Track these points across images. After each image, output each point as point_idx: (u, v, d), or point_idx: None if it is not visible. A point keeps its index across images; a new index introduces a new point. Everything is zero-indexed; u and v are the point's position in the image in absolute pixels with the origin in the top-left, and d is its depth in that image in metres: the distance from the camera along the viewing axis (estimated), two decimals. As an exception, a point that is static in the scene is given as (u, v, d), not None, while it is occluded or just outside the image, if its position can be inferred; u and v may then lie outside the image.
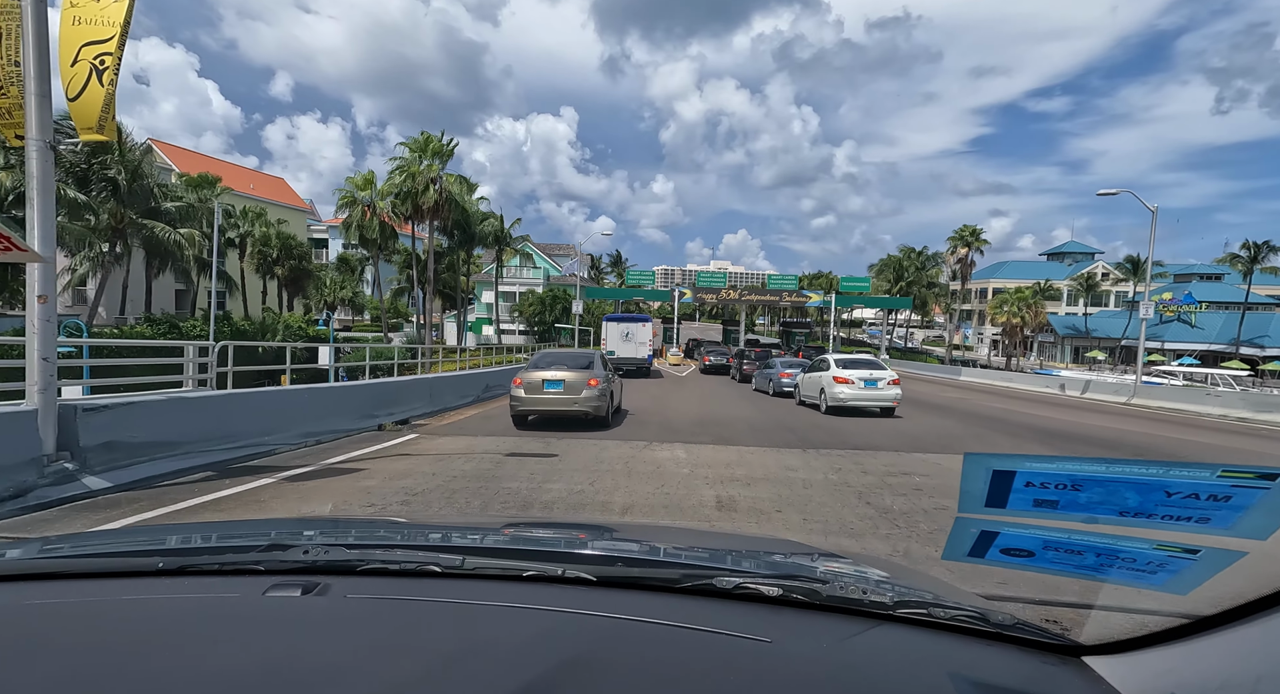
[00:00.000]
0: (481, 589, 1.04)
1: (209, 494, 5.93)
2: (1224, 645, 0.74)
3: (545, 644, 0.84)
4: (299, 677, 0.75)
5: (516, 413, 11.00)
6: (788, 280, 49.26)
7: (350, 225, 33.94)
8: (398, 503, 5.81)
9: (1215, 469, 0.70)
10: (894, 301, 49.28)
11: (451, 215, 33.47)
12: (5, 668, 0.77)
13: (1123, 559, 0.79)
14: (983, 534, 0.84)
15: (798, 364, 21.61)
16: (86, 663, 0.79)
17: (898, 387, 14.45)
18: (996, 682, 0.85)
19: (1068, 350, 71.42)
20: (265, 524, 2.02)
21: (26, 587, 1.07)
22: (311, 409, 9.37)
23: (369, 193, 33.72)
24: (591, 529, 1.93)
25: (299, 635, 0.87)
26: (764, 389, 21.83)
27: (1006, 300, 43.15)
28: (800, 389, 17.16)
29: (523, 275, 54.77)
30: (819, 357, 17.01)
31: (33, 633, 0.87)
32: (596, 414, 10.86)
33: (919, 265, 54.13)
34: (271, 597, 0.96)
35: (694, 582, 1.05)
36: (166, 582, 1.06)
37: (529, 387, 10.82)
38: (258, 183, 48.67)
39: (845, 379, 14.40)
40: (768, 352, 29.74)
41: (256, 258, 37.32)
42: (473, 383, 16.23)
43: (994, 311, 43.65)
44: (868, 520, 5.46)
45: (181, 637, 0.87)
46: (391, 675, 0.74)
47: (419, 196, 31.65)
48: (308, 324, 33.27)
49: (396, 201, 32.97)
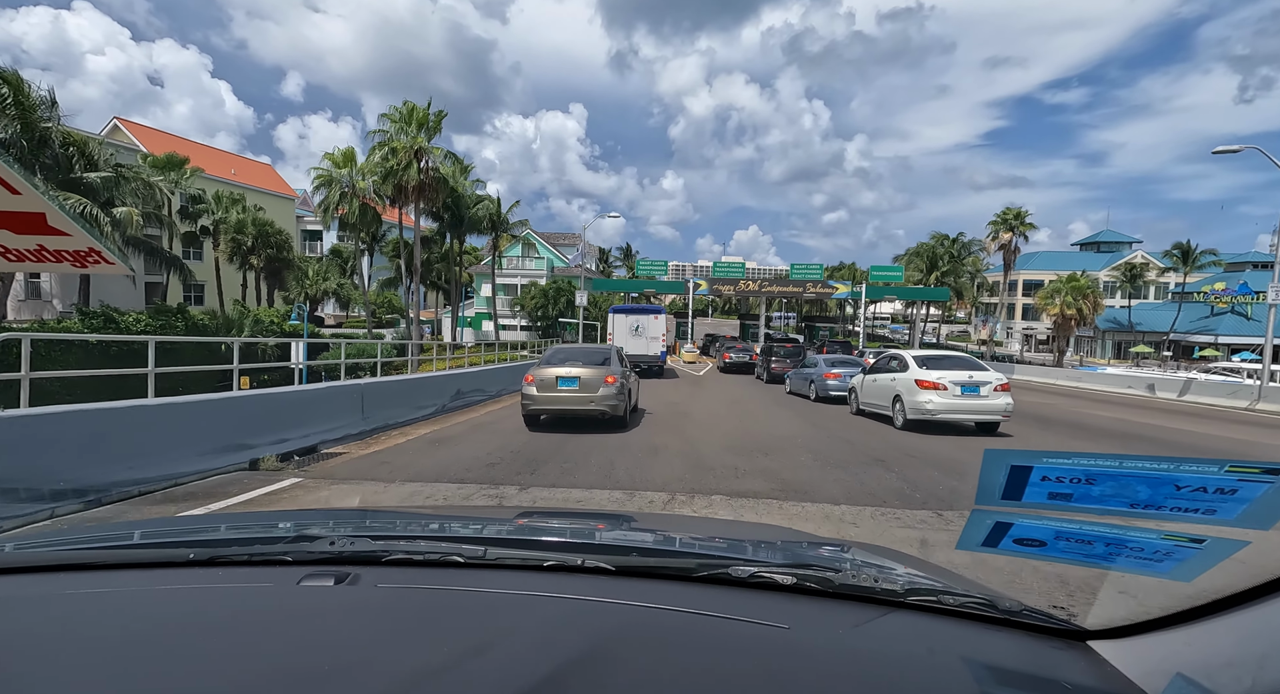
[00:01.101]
0: (503, 579, 1.06)
1: None
2: (1227, 628, 0.76)
3: (566, 632, 0.86)
4: (339, 663, 0.77)
5: (528, 412, 10.14)
6: (812, 270, 45.14)
7: (327, 208, 30.40)
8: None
9: (1223, 464, 0.72)
10: (929, 292, 45.01)
11: (440, 196, 29.75)
12: (47, 657, 0.78)
13: (1131, 548, 0.81)
14: (997, 525, 0.87)
15: (847, 362, 17.79)
16: (121, 652, 0.81)
17: (1008, 394, 10.56)
18: (1005, 665, 0.88)
19: (1108, 345, 66.77)
20: (290, 515, 2.13)
21: (63, 577, 1.07)
22: (124, 440, 5.70)
23: (348, 172, 30.15)
24: (609, 519, 2.02)
25: (334, 623, 0.90)
26: (801, 392, 18.04)
27: (1059, 290, 38.88)
28: (859, 395, 13.32)
29: (525, 266, 50.97)
30: (887, 353, 13.15)
31: (67, 624, 0.88)
32: (614, 414, 9.97)
33: (953, 254, 49.71)
34: (306, 586, 0.98)
35: (710, 571, 1.07)
36: (199, 572, 1.08)
37: (541, 384, 9.91)
38: (241, 168, 45.31)
39: (933, 383, 10.53)
40: (800, 348, 25.73)
41: (229, 246, 33.89)
42: (434, 389, 12.49)
43: (1044, 303, 39.42)
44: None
45: (220, 625, 0.89)
46: (423, 662, 0.76)
47: (401, 174, 28.03)
48: (282, 319, 29.83)
49: (378, 181, 29.39)
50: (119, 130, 37.49)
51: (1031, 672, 0.86)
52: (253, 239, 34.16)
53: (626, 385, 10.63)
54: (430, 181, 29.00)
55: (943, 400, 10.41)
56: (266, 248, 34.90)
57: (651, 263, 47.31)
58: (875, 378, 12.52)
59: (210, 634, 0.86)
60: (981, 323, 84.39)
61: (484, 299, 50.26)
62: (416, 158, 28.48)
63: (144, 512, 5.27)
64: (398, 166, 28.44)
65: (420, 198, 29.01)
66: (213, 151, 45.63)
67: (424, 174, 28.69)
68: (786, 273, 47.80)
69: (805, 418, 12.88)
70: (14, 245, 5.27)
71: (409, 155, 28.50)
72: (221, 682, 0.74)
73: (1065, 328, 39.31)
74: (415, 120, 28.31)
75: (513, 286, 49.98)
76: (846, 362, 18.09)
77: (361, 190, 30.39)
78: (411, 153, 28.60)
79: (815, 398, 16.88)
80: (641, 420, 11.47)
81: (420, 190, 28.88)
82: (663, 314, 26.02)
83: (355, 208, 30.24)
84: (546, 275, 49.72)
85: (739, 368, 28.59)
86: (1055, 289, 40.12)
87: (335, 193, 29.84)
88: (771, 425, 11.62)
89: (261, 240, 34.64)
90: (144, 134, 38.14)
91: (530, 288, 45.66)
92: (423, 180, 28.62)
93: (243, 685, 0.73)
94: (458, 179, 35.90)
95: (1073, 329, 39.75)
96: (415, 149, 28.60)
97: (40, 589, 1.03)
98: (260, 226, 34.45)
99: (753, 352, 29.95)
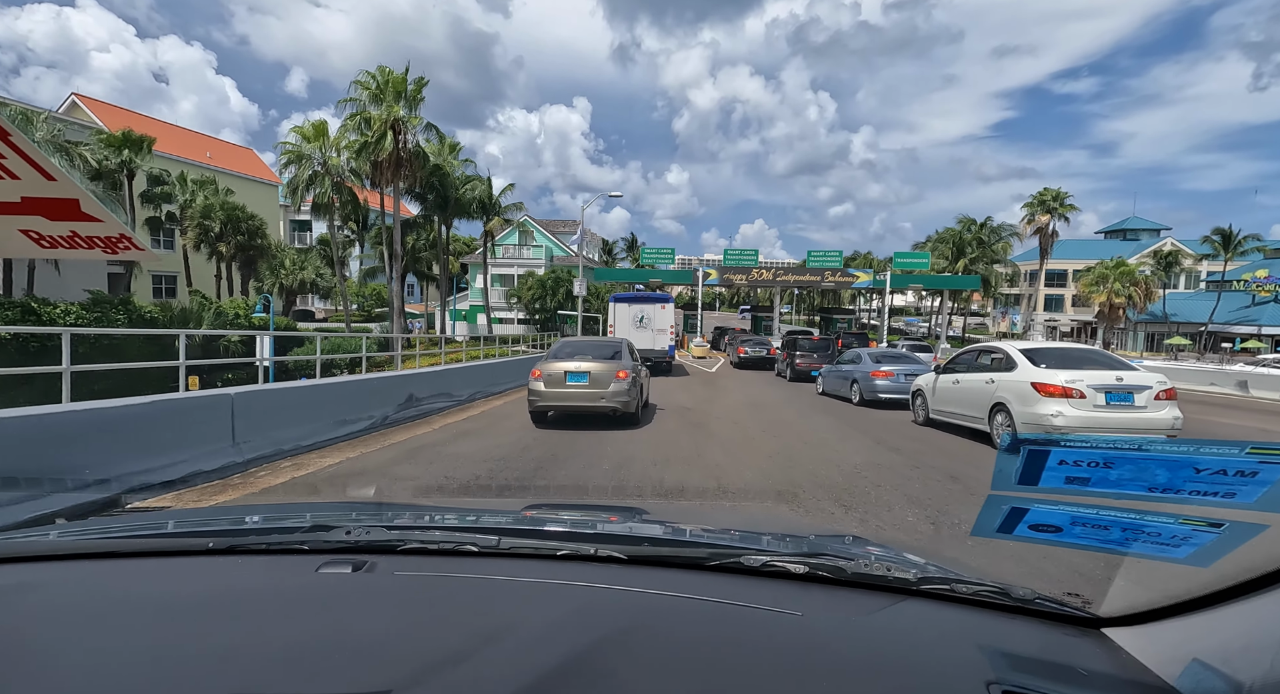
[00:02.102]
0: (517, 567, 1.07)
1: None
2: (1245, 614, 0.75)
3: (580, 620, 0.86)
4: (356, 649, 0.78)
5: (535, 408, 9.62)
6: (830, 257, 41.73)
7: (297, 189, 27.35)
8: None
9: (1244, 446, 0.71)
10: (959, 281, 41.53)
11: (419, 173, 26.59)
12: (64, 646, 0.79)
13: (1148, 533, 0.80)
14: (1012, 511, 0.85)
15: (898, 357, 14.73)
16: (144, 639, 0.82)
17: (1174, 404, 7.40)
18: (1019, 653, 0.87)
19: (1140, 337, 63.27)
20: (306, 507, 2.06)
21: (80, 566, 1.09)
22: None
23: (320, 147, 27.07)
24: (622, 510, 1.97)
25: (352, 611, 0.90)
26: (838, 393, 15.06)
27: (1106, 276, 35.36)
28: (930, 400, 10.16)
29: (522, 255, 47.70)
30: (977, 347, 9.96)
31: (90, 612, 0.89)
32: (625, 410, 9.40)
33: (980, 239, 46.14)
34: (324, 573, 0.99)
35: (722, 560, 1.07)
36: (219, 561, 1.09)
37: (549, 379, 9.42)
38: (220, 152, 42.27)
39: (1061, 388, 7.37)
40: (828, 341, 22.52)
41: (195, 231, 30.91)
42: (367, 396, 9.41)
43: (1089, 290, 35.87)
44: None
45: (240, 611, 0.90)
46: (440, 649, 0.77)
47: (375, 148, 24.91)
48: (248, 311, 26.88)
49: (353, 157, 26.29)
50: (77, 107, 34.50)
51: (1046, 659, 0.85)
52: (221, 224, 31.18)
53: (639, 381, 10.06)
54: (409, 157, 25.82)
55: (1079, 413, 7.25)
56: (237, 234, 31.92)
57: (657, 251, 43.97)
58: (958, 379, 9.38)
59: (230, 620, 0.87)
60: (1001, 314, 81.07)
61: (479, 290, 47.15)
62: (393, 130, 25.34)
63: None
64: (372, 139, 25.30)
65: (398, 174, 25.84)
66: (187, 133, 42.60)
67: (402, 148, 25.53)
68: (801, 263, 44.50)
69: (863, 431, 9.73)
70: (48, 231, 5.31)
71: (385, 127, 25.37)
72: (241, 666, 0.74)
73: (1113, 317, 35.86)
74: (391, 88, 25.12)
75: (509, 277, 46.85)
76: (897, 357, 15.00)
77: (335, 168, 27.28)
78: (387, 124, 25.47)
79: (859, 401, 13.84)
80: (654, 418, 10.66)
81: (398, 166, 25.72)
82: (670, 303, 22.89)
83: (328, 187, 27.10)
84: (545, 264, 46.52)
85: (755, 364, 25.70)
86: (1102, 275, 36.60)
87: (305, 171, 26.76)
88: (822, 444, 8.49)
89: (231, 226, 31.65)
90: (106, 111, 35.13)
91: (527, 278, 42.46)
92: (400, 154, 25.45)
93: (262, 670, 0.73)
94: (446, 159, 32.77)
95: (1121, 318, 36.28)
96: (391, 120, 25.45)
97: (60, 577, 1.04)
98: (230, 211, 31.45)
99: (770, 345, 27.13)
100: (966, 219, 47.39)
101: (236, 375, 27.84)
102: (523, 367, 15.59)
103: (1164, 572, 0.82)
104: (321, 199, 27.33)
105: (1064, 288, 78.33)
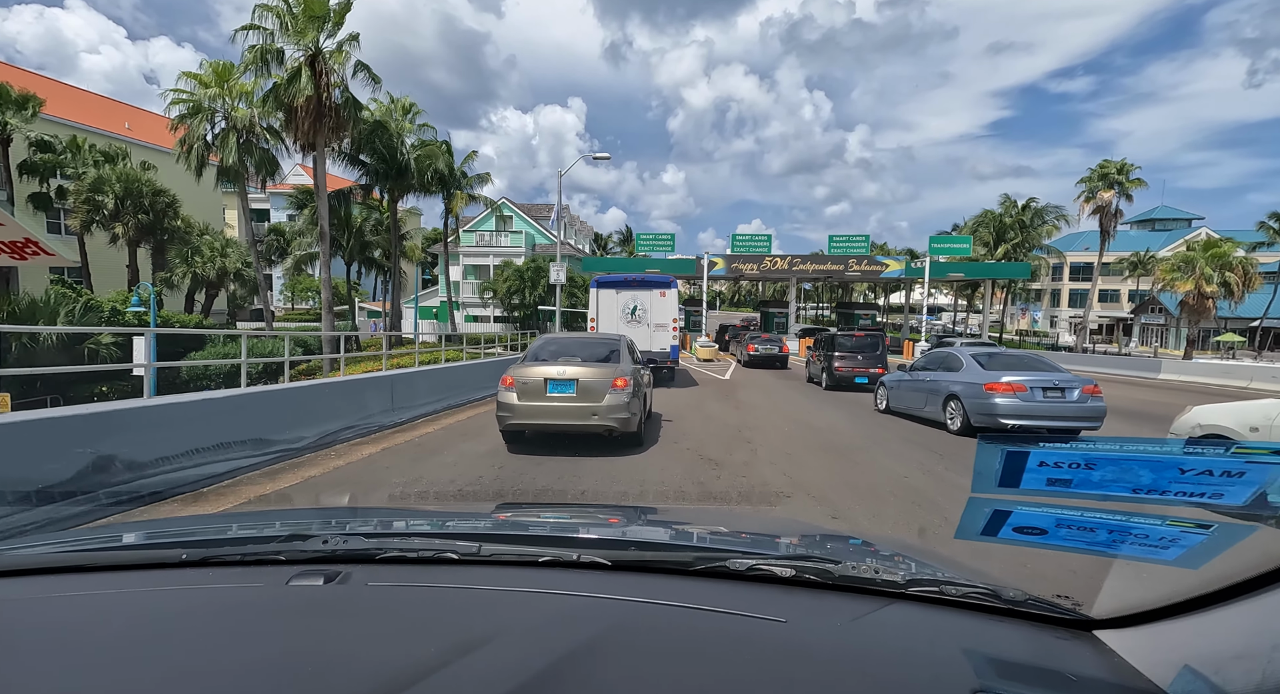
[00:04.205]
0: (498, 575, 1.05)
1: None
2: (1238, 617, 0.74)
3: (562, 628, 0.85)
4: (324, 663, 0.76)
5: (507, 427, 7.38)
6: (855, 243, 35.88)
7: (191, 147, 21.44)
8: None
9: (1230, 446, 0.70)
10: (1007, 269, 35.73)
11: (352, 129, 20.66)
12: (35, 661, 0.78)
13: (1135, 535, 0.80)
14: (995, 513, 0.85)
15: (1023, 363, 9.80)
16: (113, 655, 0.80)
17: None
18: (1009, 656, 0.87)
19: (1181, 334, 58.12)
20: (284, 515, 2.04)
21: (53, 580, 1.06)
22: None
23: (222, 95, 21.17)
24: (607, 512, 1.92)
25: (322, 623, 0.88)
26: (919, 413, 10.59)
27: (1192, 260, 29.53)
28: None
29: (500, 243, 41.61)
30: None
31: (61, 626, 0.88)
32: (625, 430, 7.28)
33: (1023, 222, 40.28)
34: (295, 586, 0.97)
35: (707, 564, 1.06)
36: (191, 573, 1.07)
37: (525, 390, 7.24)
38: (148, 126, 36.24)
39: None
40: (877, 339, 16.91)
41: (83, 209, 24.95)
42: None
43: (1169, 277, 30.10)
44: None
45: (208, 626, 0.88)
46: (414, 661, 0.75)
47: (287, 89, 19.02)
48: (124, 303, 21.04)
49: (261, 105, 20.40)
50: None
51: (1036, 663, 0.85)
52: (116, 199, 25.17)
53: (641, 389, 8.04)
54: (332, 105, 19.88)
55: None
56: (139, 212, 25.92)
57: (655, 237, 38.04)
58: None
59: (199, 635, 0.86)
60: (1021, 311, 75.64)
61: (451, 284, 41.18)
62: (311, 67, 19.45)
63: None
64: (284, 80, 19.35)
65: (320, 127, 19.92)
66: (108, 102, 36.74)
67: (324, 91, 19.61)
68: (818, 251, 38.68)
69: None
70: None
71: (301, 64, 19.44)
72: (208, 683, 0.73)
73: (1201, 311, 30.02)
74: (306, 12, 19.15)
75: (486, 268, 40.91)
76: (1021, 361, 9.79)
77: (240, 119, 21.36)
78: (306, 61, 19.56)
79: (961, 428, 9.26)
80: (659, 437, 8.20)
81: (319, 116, 19.81)
82: (674, 288, 17.04)
83: (232, 145, 21.15)
84: (526, 253, 40.55)
85: (765, 362, 23.84)
86: (1186, 259, 30.71)
87: (200, 124, 20.84)
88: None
89: (131, 202, 25.65)
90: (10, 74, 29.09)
91: (504, 268, 36.45)
92: (320, 100, 19.53)
93: (228, 686, 0.73)
94: (400, 122, 26.89)
95: (1211, 311, 30.48)
96: (310, 54, 19.54)
97: (32, 591, 1.02)
98: (129, 183, 25.46)
99: (782, 343, 25.03)
100: (1008, 201, 41.54)
101: (116, 387, 21.99)
102: (492, 373, 12.63)
103: (1156, 573, 0.81)
104: (227, 159, 21.33)
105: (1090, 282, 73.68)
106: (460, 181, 27.93)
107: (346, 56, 19.68)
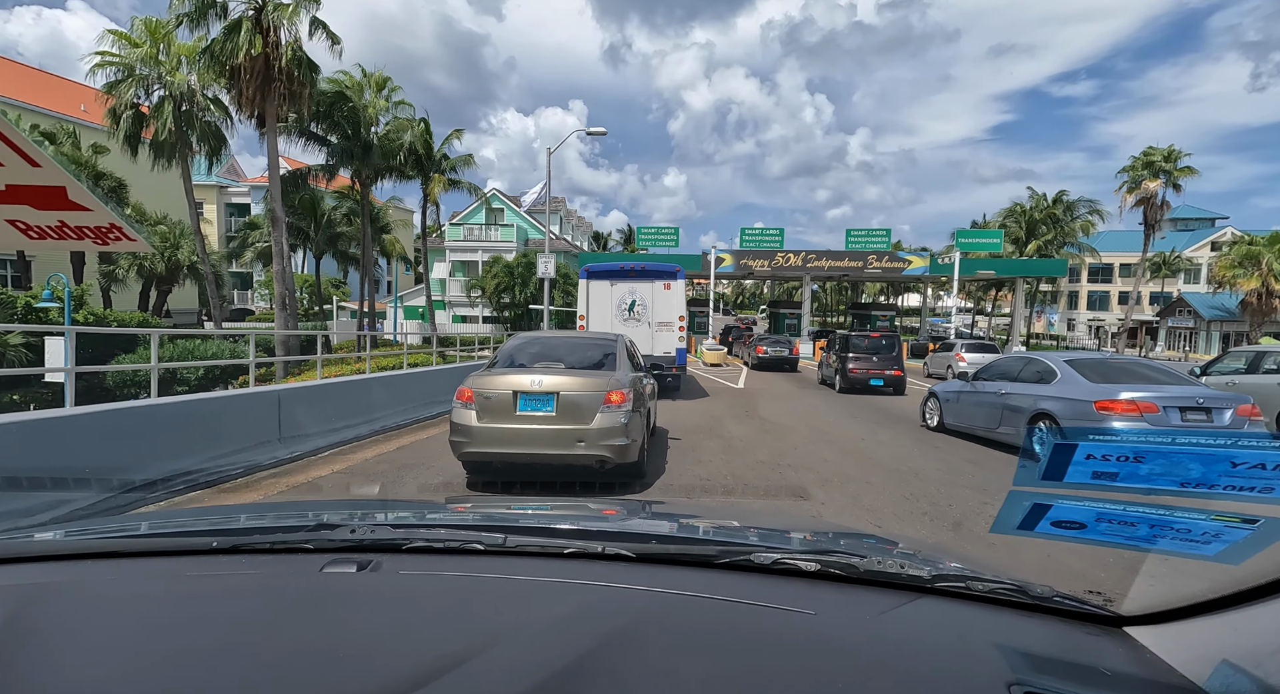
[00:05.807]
0: (524, 566, 1.05)
1: None
2: (1276, 613, 0.72)
3: (588, 618, 0.85)
4: (360, 649, 0.77)
5: (463, 455, 5.66)
6: (875, 238, 32.91)
7: (119, 116, 18.54)
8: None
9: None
10: (1041, 265, 32.69)
11: (304, 91, 17.69)
12: (76, 642, 0.78)
13: (1177, 530, 0.78)
14: (1035, 507, 0.83)
15: (1135, 373, 6.99)
16: (153, 637, 0.81)
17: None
18: (1038, 651, 0.86)
19: (1214, 337, 55.05)
20: (311, 505, 2.06)
21: (88, 565, 1.07)
22: None
23: (155, 56, 18.25)
24: (629, 506, 1.91)
25: (356, 610, 0.89)
26: (989, 433, 8.48)
27: (1255, 255, 26.46)
28: None
29: (490, 237, 38.60)
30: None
31: (100, 609, 0.89)
32: (621, 460, 5.43)
33: (1054, 216, 37.25)
34: (329, 572, 0.97)
35: (732, 557, 1.05)
36: (223, 560, 1.07)
37: (487, 406, 5.49)
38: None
39: None
40: (892, 339, 16.01)
41: (9, 192, 21.98)
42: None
43: (1229, 273, 27.12)
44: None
45: (245, 611, 0.89)
46: (446, 648, 0.76)
47: (223, 46, 16.06)
48: (29, 298, 18.16)
49: (202, 69, 17.48)
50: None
51: (1068, 658, 0.84)
52: (49, 181, 22.19)
53: (644, 403, 6.30)
54: (281, 66, 16.91)
55: None
56: (77, 196, 22.94)
57: (658, 230, 35.12)
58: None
59: (234, 620, 0.86)
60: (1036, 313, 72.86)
61: (436, 282, 38.22)
62: (257, 21, 16.53)
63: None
64: (222, 35, 16.41)
65: (269, 92, 16.99)
66: (66, 83, 33.91)
67: (271, 50, 16.68)
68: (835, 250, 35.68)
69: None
70: (35, 221, 5.17)
71: (245, 16, 16.52)
72: (245, 666, 0.74)
73: (1267, 311, 26.99)
74: (251, -46, 16.22)
75: (474, 265, 37.96)
76: (1133, 371, 7.47)
77: (178, 86, 18.44)
78: (251, 11, 16.62)
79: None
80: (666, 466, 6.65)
81: (268, 80, 16.88)
82: (680, 279, 14.12)
83: (167, 113, 18.22)
84: (518, 248, 37.59)
85: (775, 365, 22.55)
86: (1248, 254, 27.64)
87: (129, 91, 17.94)
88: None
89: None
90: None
91: (492, 264, 33.53)
92: (267, 60, 16.58)
93: (265, 670, 0.73)
94: (374, 99, 23.97)
95: (1277, 311, 27.45)
96: (256, 4, 16.60)
97: (69, 576, 1.02)
98: (66, 166, 22.48)
99: (791, 344, 23.80)
100: (1037, 194, 38.52)
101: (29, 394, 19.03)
102: (453, 381, 10.09)
103: (1188, 569, 0.80)
104: (162, 132, 18.39)
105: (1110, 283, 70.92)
106: (440, 164, 24.95)
107: (300, 9, 16.72)
